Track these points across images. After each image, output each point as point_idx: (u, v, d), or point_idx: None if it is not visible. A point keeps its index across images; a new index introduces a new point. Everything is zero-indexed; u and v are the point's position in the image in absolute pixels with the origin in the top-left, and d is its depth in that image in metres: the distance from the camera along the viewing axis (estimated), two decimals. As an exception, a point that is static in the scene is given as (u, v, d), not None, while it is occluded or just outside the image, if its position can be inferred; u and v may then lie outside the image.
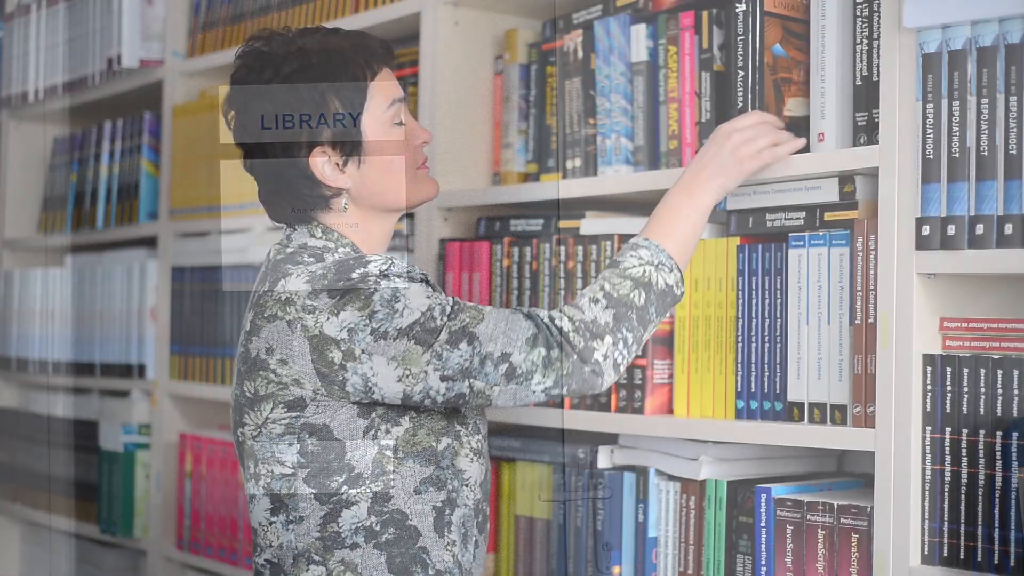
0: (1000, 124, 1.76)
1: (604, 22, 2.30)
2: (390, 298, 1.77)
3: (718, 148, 1.92)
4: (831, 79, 1.98)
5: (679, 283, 1.87)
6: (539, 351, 1.78)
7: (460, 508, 1.86)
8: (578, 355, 1.79)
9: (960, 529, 1.81)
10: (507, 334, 1.78)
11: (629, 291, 1.82)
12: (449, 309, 1.79)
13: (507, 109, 2.53)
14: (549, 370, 1.78)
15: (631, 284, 1.83)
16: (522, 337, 1.79)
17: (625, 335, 1.82)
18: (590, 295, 1.82)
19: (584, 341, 1.79)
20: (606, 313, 1.81)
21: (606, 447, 2.27)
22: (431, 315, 1.77)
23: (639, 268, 1.84)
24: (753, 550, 2.04)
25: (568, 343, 1.79)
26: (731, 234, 2.10)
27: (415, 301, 1.78)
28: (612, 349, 1.81)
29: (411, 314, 1.77)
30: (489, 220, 2.48)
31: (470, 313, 1.79)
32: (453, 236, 2.53)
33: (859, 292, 1.92)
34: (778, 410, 2.02)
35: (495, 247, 2.41)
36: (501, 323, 1.79)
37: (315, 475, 1.80)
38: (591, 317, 1.80)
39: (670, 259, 1.86)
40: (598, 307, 1.81)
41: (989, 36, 1.77)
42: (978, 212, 1.78)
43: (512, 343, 1.78)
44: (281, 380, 1.80)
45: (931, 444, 1.83)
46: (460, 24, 2.56)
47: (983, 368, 1.79)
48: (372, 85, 1.87)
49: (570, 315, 1.80)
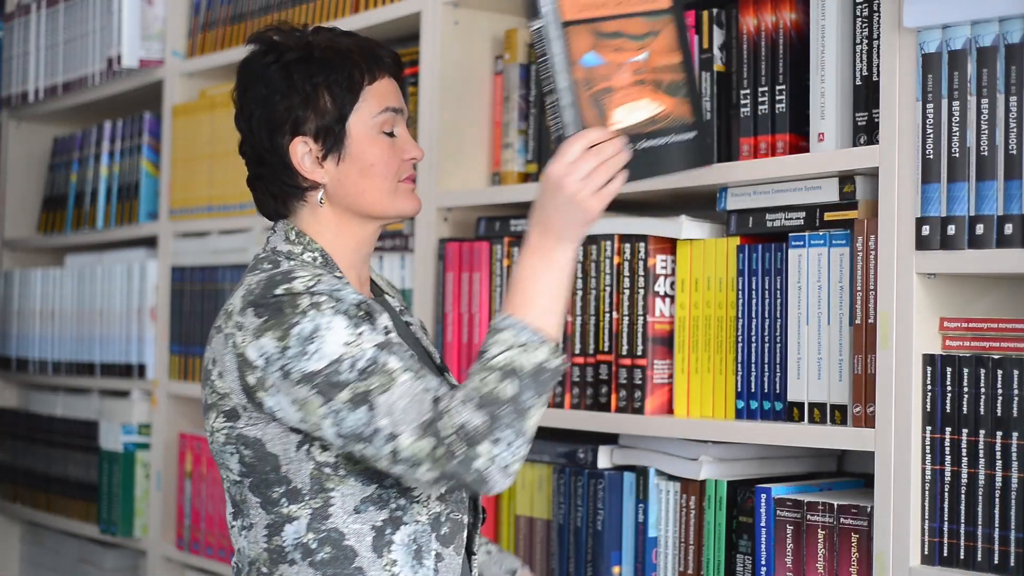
0: (1000, 124, 1.76)
1: (604, 22, 2.30)
2: (307, 336, 1.71)
3: (555, 199, 1.73)
4: (831, 79, 1.98)
5: (553, 354, 1.71)
6: (428, 441, 1.66)
7: (409, 525, 1.79)
8: (458, 462, 1.66)
9: (960, 529, 1.81)
10: (405, 412, 1.67)
11: (496, 385, 1.67)
12: (362, 364, 1.69)
13: (507, 109, 2.53)
14: (436, 464, 1.67)
15: (498, 376, 1.68)
16: (416, 422, 1.67)
17: (504, 434, 1.66)
18: (462, 395, 1.68)
19: (462, 448, 1.66)
20: (478, 415, 1.66)
21: (606, 447, 2.27)
22: (338, 368, 1.70)
23: (503, 356, 1.69)
24: (753, 550, 2.04)
25: (447, 449, 1.66)
26: (731, 234, 2.10)
27: (329, 346, 1.70)
28: (493, 453, 1.66)
29: (319, 360, 1.70)
30: (489, 220, 2.48)
31: (381, 378, 1.69)
32: (453, 236, 2.53)
33: (859, 292, 1.92)
34: (778, 410, 2.02)
35: (495, 247, 2.41)
36: (404, 399, 1.68)
37: (257, 485, 1.79)
38: (463, 420, 1.66)
39: (534, 334, 1.70)
40: (468, 409, 1.66)
41: (989, 36, 1.77)
42: (978, 212, 1.78)
43: (404, 424, 1.67)
44: (219, 391, 1.79)
45: (931, 444, 1.83)
46: (460, 24, 2.56)
47: (983, 368, 1.79)
48: (367, 88, 1.86)
49: (450, 418, 1.67)
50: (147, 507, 3.33)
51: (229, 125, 3.12)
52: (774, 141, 2.06)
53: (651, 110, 1.86)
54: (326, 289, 1.74)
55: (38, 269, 3.79)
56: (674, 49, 1.89)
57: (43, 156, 4.00)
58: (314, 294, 1.73)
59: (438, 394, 1.69)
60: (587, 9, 1.83)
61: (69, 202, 3.75)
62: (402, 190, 1.89)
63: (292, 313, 1.72)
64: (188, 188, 3.21)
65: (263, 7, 3.03)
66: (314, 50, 1.85)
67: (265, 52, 1.88)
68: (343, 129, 1.85)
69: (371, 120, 1.86)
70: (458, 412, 1.66)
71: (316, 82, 1.84)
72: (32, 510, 3.77)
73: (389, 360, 1.71)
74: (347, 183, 1.86)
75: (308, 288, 1.74)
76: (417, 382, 1.70)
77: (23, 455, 3.81)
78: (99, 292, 3.50)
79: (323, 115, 1.84)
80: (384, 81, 1.88)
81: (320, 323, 1.71)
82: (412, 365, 1.72)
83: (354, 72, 1.85)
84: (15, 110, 3.95)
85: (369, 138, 1.86)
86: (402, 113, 1.90)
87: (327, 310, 1.72)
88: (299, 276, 1.76)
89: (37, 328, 3.74)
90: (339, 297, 1.74)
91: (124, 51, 3.32)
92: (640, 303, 2.18)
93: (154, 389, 3.29)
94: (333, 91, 1.84)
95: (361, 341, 1.71)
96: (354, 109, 1.85)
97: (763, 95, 2.07)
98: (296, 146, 1.85)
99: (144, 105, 3.51)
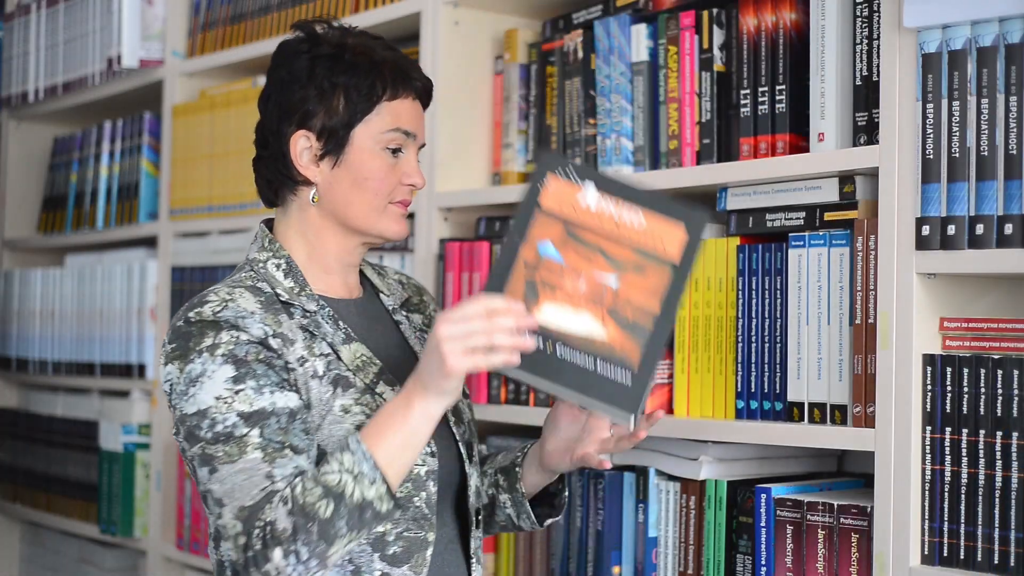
0: (1000, 124, 1.76)
1: (604, 22, 2.30)
2: (193, 378, 1.72)
3: (432, 350, 1.64)
4: (831, 79, 1.98)
5: (383, 498, 1.66)
6: (239, 525, 1.67)
7: None
8: (251, 556, 1.66)
9: (960, 529, 1.81)
10: (238, 488, 1.68)
11: (316, 500, 1.64)
12: (220, 428, 1.70)
13: (507, 109, 2.53)
14: (237, 548, 1.67)
15: (322, 492, 1.65)
16: (240, 502, 1.67)
17: (299, 549, 1.64)
18: (282, 494, 1.66)
19: (259, 545, 1.65)
20: (288, 520, 1.64)
21: (606, 447, 2.27)
22: (200, 423, 1.71)
23: (334, 476, 1.65)
24: (753, 550, 2.04)
25: (248, 540, 1.66)
26: (731, 234, 2.10)
27: (203, 395, 1.71)
28: (283, 562, 1.64)
29: (192, 406, 1.72)
30: (489, 220, 2.48)
31: (230, 448, 1.69)
32: (453, 236, 2.53)
33: (859, 292, 1.92)
34: (778, 410, 2.02)
35: (495, 247, 2.41)
36: (242, 476, 1.68)
37: (202, 495, 1.77)
38: (273, 519, 1.64)
39: (374, 469, 1.66)
40: (282, 510, 1.65)
41: (989, 36, 1.77)
42: (978, 212, 1.78)
43: (230, 498, 1.68)
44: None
45: (931, 444, 1.83)
46: (460, 24, 2.56)
47: (983, 368, 1.79)
48: (385, 103, 1.84)
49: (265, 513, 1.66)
50: (147, 507, 3.33)
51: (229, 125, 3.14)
52: (774, 141, 2.06)
53: (590, 330, 1.67)
54: (231, 316, 1.74)
55: (38, 269, 3.79)
56: (657, 298, 1.68)
57: (43, 156, 4.00)
58: (219, 324, 1.74)
59: (276, 486, 1.68)
60: (572, 211, 1.70)
61: (69, 202, 3.75)
62: (391, 212, 1.86)
63: (192, 349, 1.74)
64: (188, 188, 3.21)
65: (263, 7, 3.03)
66: (346, 51, 1.84)
67: (302, 40, 1.87)
68: (347, 135, 1.83)
69: (378, 134, 1.84)
70: (274, 510, 1.65)
71: (336, 82, 1.83)
72: (32, 510, 3.77)
73: (248, 433, 1.70)
74: (338, 189, 1.85)
75: (215, 314, 1.75)
76: (264, 464, 1.69)
77: (23, 455, 3.81)
78: (99, 292, 3.50)
79: (332, 115, 1.83)
80: (406, 102, 1.86)
81: (206, 369, 1.73)
82: (270, 443, 1.70)
83: (377, 83, 1.83)
84: (15, 110, 3.95)
85: (371, 151, 1.84)
86: (415, 139, 1.87)
87: (220, 356, 1.73)
88: (209, 301, 1.77)
89: (37, 328, 3.74)
90: (244, 327, 1.74)
91: (124, 51, 3.32)
92: (640, 303, 2.18)
93: (154, 389, 3.29)
94: (350, 95, 1.82)
95: (233, 401, 1.71)
96: (365, 119, 1.83)
97: (763, 95, 2.07)
98: (298, 138, 1.84)
99: (144, 105, 3.51)
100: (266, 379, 1.73)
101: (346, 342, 1.82)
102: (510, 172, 2.52)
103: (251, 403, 1.71)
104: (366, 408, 1.77)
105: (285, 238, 1.88)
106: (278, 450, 1.70)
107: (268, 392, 1.72)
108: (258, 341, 1.75)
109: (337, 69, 1.83)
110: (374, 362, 1.83)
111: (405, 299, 2.00)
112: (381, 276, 2.01)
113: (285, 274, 1.84)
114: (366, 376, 1.80)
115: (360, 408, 1.77)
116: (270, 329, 1.76)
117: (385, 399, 1.79)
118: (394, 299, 1.98)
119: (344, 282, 1.90)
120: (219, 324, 1.74)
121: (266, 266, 1.84)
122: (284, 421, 1.71)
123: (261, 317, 1.76)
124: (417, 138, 1.88)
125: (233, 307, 1.76)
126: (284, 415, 1.72)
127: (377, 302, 1.96)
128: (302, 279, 1.84)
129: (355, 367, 1.80)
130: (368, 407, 1.78)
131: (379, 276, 2.01)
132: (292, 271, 1.84)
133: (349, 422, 1.76)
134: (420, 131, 1.88)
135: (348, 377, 1.79)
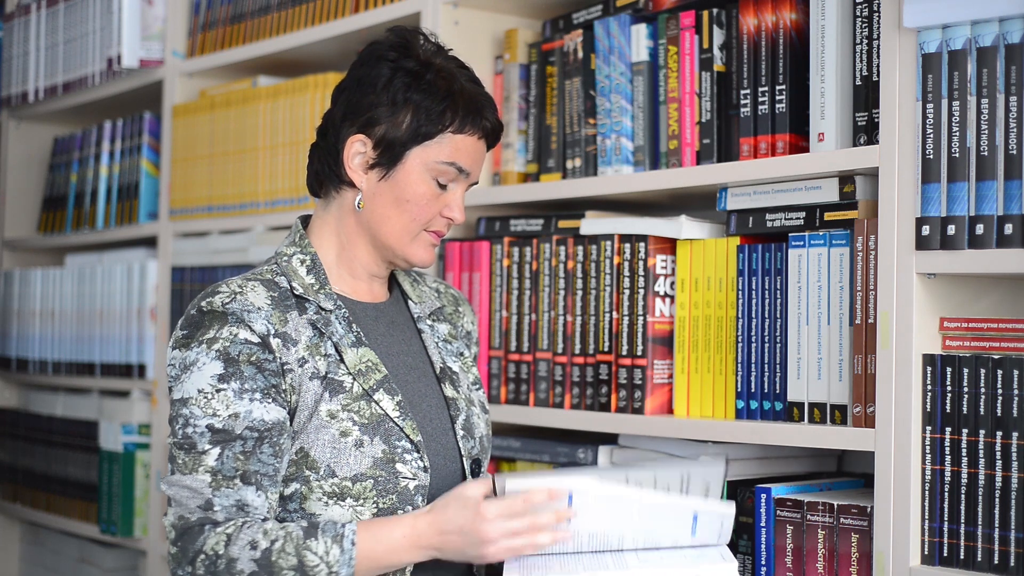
0: (1000, 124, 1.76)
1: (604, 22, 2.30)
2: (186, 365, 1.76)
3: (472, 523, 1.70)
4: (831, 79, 1.98)
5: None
6: (172, 533, 1.73)
7: None
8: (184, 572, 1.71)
9: (960, 529, 1.81)
10: (183, 499, 1.73)
11: (285, 568, 1.68)
12: (191, 431, 1.73)
13: (507, 109, 2.53)
14: (169, 555, 1.73)
15: (294, 565, 1.68)
16: (179, 513, 1.73)
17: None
18: (253, 535, 1.70)
19: (204, 569, 1.70)
20: (249, 564, 1.68)
21: (606, 447, 2.26)
22: (178, 412, 1.76)
23: (316, 560, 1.69)
24: (753, 550, 2.03)
25: (182, 556, 1.71)
26: (731, 234, 2.11)
27: (189, 384, 1.76)
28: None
29: (178, 392, 1.77)
30: (489, 220, 2.48)
31: (186, 459, 1.73)
32: (453, 236, 2.53)
33: (859, 292, 1.92)
34: (778, 410, 2.02)
35: (495, 247, 2.41)
36: (186, 492, 1.73)
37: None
38: (233, 555, 1.69)
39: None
40: (246, 552, 1.69)
41: (989, 36, 1.77)
42: (978, 212, 1.78)
43: (176, 504, 1.74)
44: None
45: (931, 444, 1.83)
46: (460, 24, 2.56)
47: (983, 368, 1.79)
48: (449, 134, 1.83)
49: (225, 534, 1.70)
50: (147, 507, 3.33)
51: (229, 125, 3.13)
52: (774, 141, 2.06)
53: None
54: (237, 309, 1.77)
55: (38, 269, 3.79)
56: None
57: (43, 156, 4.00)
58: (226, 316, 1.76)
59: (215, 515, 1.71)
60: None
61: (69, 202, 3.75)
62: (422, 239, 1.88)
63: (194, 338, 1.77)
64: (188, 188, 3.21)
65: (263, 7, 3.03)
66: (429, 71, 1.83)
67: (392, 46, 1.86)
68: (403, 153, 1.83)
69: (432, 162, 1.83)
70: (235, 543, 1.69)
71: (409, 98, 1.82)
72: (32, 510, 3.77)
73: (207, 451, 1.73)
74: (379, 202, 1.85)
75: (224, 305, 1.77)
76: (207, 488, 1.72)
77: (23, 455, 3.81)
78: (99, 292, 3.50)
79: (395, 130, 1.82)
80: (470, 139, 1.85)
81: (199, 360, 1.76)
82: (223, 470, 1.72)
83: (447, 112, 1.82)
84: (15, 110, 3.95)
85: (419, 176, 1.84)
86: (467, 176, 1.87)
87: (214, 351, 1.75)
88: (221, 292, 1.79)
89: (37, 328, 3.74)
90: (249, 321, 1.76)
91: (124, 51, 3.32)
92: (640, 303, 2.18)
93: (154, 389, 3.29)
94: (418, 116, 1.82)
95: (212, 399, 1.74)
96: (425, 143, 1.83)
97: (763, 95, 2.07)
98: (355, 141, 1.84)
99: (144, 105, 3.51)
100: (251, 383, 1.75)
101: (354, 345, 1.82)
102: (510, 172, 2.52)
103: (228, 406, 1.73)
104: (354, 415, 1.79)
105: (320, 235, 1.89)
106: (228, 478, 1.72)
107: (247, 399, 1.74)
108: (256, 341, 1.76)
109: (414, 86, 1.82)
110: (379, 368, 1.83)
111: (437, 308, 2.00)
112: (415, 283, 2.01)
113: (308, 270, 1.85)
114: (366, 381, 1.81)
115: (347, 415, 1.78)
116: (273, 328, 1.77)
117: (382, 407, 1.80)
118: (423, 307, 1.98)
119: (369, 287, 1.91)
120: (225, 316, 1.76)
121: (291, 261, 1.86)
122: (250, 444, 1.74)
123: (267, 314, 1.78)
124: (471, 176, 1.87)
125: (241, 300, 1.77)
126: (252, 438, 1.74)
127: (403, 308, 1.96)
128: (324, 277, 1.86)
129: (356, 371, 1.81)
130: (357, 414, 1.79)
131: (412, 283, 2.00)
132: (315, 268, 1.86)
133: (334, 427, 1.77)
134: (476, 170, 1.88)
135: (343, 382, 1.80)
